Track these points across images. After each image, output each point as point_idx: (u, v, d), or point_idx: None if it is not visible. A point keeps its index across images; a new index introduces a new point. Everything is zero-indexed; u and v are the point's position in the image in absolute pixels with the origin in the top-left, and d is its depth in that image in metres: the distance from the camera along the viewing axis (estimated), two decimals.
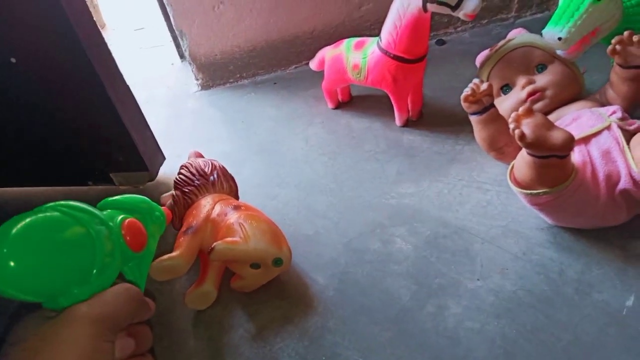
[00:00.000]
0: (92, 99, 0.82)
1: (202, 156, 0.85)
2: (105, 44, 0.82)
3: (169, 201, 0.79)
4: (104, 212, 0.41)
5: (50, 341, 0.32)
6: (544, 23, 0.76)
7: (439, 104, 1.00)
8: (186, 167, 0.80)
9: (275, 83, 1.18)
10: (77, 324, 0.33)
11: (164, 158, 0.98)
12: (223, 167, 0.81)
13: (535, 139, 0.58)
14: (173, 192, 0.79)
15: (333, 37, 1.13)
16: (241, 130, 1.08)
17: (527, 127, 0.59)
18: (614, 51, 0.70)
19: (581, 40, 0.75)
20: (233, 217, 0.70)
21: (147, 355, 0.38)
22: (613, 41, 0.69)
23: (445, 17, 1.12)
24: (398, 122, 0.96)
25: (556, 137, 0.58)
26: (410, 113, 0.96)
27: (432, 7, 0.76)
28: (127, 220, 0.42)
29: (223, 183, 0.79)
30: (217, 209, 0.72)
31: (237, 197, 0.82)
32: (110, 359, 0.33)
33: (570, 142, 0.58)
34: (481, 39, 1.13)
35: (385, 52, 0.86)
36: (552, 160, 0.60)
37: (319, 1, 1.09)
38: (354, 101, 1.07)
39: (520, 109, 0.60)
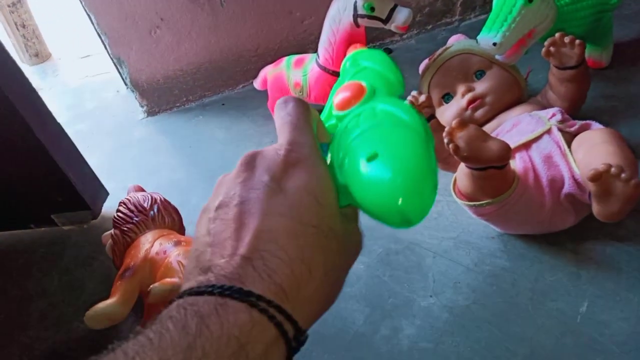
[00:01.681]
0: (20, 142, 0.79)
1: (142, 190, 0.82)
2: (29, 85, 0.78)
3: (109, 241, 0.75)
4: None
5: None
6: None
7: None
8: (124, 203, 0.77)
9: (223, 104, 1.15)
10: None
11: (107, 194, 0.94)
12: (164, 200, 0.78)
13: (470, 152, 0.57)
14: (112, 231, 0.76)
15: (278, 52, 1.10)
16: (189, 156, 1.05)
17: (462, 140, 0.57)
18: (548, 53, 0.69)
19: (517, 43, 0.74)
20: (173, 254, 0.66)
21: None
22: (546, 43, 0.69)
23: None
24: None
25: (491, 148, 0.57)
26: None
27: (363, 21, 0.75)
28: None
29: (164, 217, 0.76)
30: (157, 246, 0.69)
31: (181, 230, 0.78)
32: None
33: (505, 152, 0.57)
34: (427, 45, 1.12)
35: (324, 69, 0.84)
36: (491, 172, 0.59)
37: (260, 18, 1.06)
38: None
39: (454, 122, 0.58)
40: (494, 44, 0.72)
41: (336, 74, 0.83)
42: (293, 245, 0.29)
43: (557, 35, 0.68)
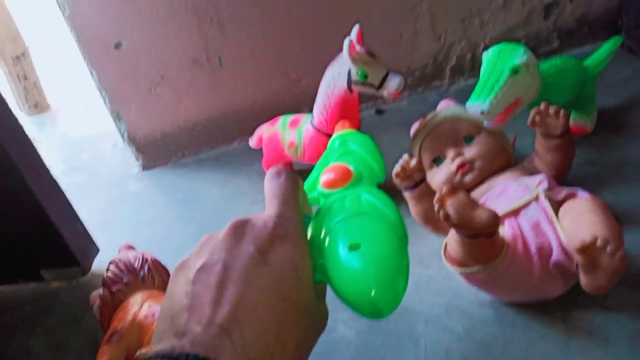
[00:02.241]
0: (14, 196, 0.79)
1: (133, 249, 0.82)
2: (27, 139, 0.80)
3: (97, 302, 0.74)
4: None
5: None
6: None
7: None
8: (115, 263, 0.76)
9: (218, 160, 1.17)
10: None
11: (98, 250, 0.94)
12: (155, 260, 0.78)
13: (460, 220, 0.57)
14: (101, 291, 0.75)
15: (275, 111, 1.13)
16: (183, 212, 1.06)
17: (451, 207, 0.58)
18: (534, 122, 0.71)
19: (505, 111, 0.76)
20: None
21: None
22: (532, 113, 0.71)
23: None
24: None
25: (480, 216, 0.58)
26: None
27: (356, 87, 0.78)
28: None
29: (154, 277, 0.75)
30: (145, 309, 0.68)
31: None
32: None
33: (494, 221, 0.58)
34: (418, 107, 1.15)
35: (318, 130, 0.86)
36: (481, 240, 0.59)
37: (257, 78, 1.09)
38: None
39: (444, 189, 0.60)
40: (482, 112, 0.74)
41: (330, 136, 0.85)
42: (271, 319, 0.29)
43: (542, 105, 0.71)
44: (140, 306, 0.69)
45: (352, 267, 0.33)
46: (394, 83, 0.74)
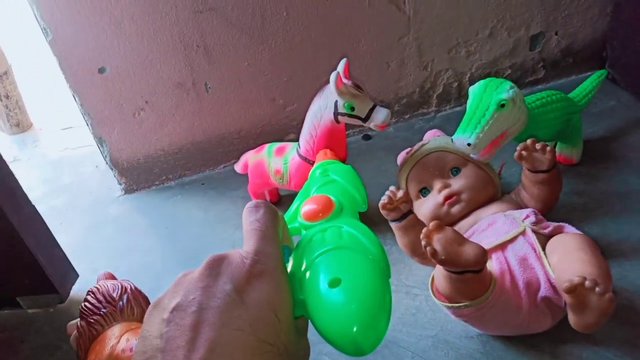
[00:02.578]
0: None
1: (113, 277, 0.79)
2: (5, 167, 0.77)
3: (74, 332, 0.71)
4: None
5: None
6: (463, 115, 0.78)
7: (368, 201, 0.99)
8: (93, 292, 0.74)
9: (203, 184, 1.15)
10: None
11: (77, 276, 0.91)
12: (135, 289, 0.75)
13: (447, 256, 0.57)
14: (78, 321, 0.72)
15: (260, 136, 1.12)
16: (165, 238, 1.03)
17: (439, 243, 0.58)
18: (520, 157, 0.71)
19: (491, 144, 0.77)
20: None
21: None
22: (518, 148, 0.71)
23: None
24: None
25: (468, 253, 0.57)
26: None
27: (343, 119, 0.78)
28: None
29: (134, 308, 0.73)
30: (123, 342, 0.66)
31: None
32: None
33: (482, 257, 0.57)
34: (405, 134, 1.15)
35: (304, 159, 0.85)
36: (468, 275, 0.59)
37: (244, 104, 1.09)
38: (282, 201, 1.05)
39: (431, 225, 0.59)
40: (469, 145, 0.74)
41: None
42: None
43: (528, 141, 0.71)
44: (118, 339, 0.66)
45: (333, 303, 0.32)
46: (380, 115, 0.75)
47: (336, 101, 0.77)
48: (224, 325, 0.29)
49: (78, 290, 0.92)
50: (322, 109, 0.79)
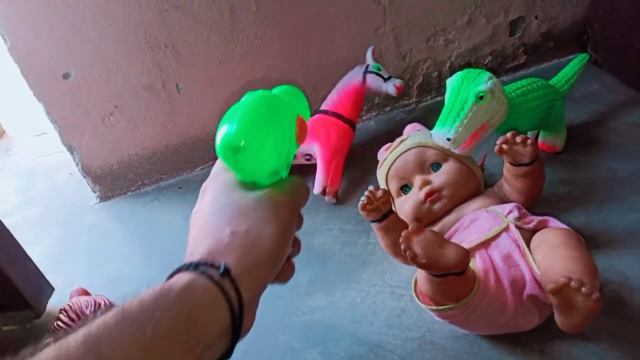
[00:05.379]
0: None
1: (87, 293, 0.76)
2: None
3: None
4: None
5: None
6: (443, 106, 0.76)
7: (349, 197, 0.97)
8: (65, 310, 0.71)
9: (180, 187, 1.12)
10: (281, 207, 0.37)
11: (52, 289, 0.88)
12: (110, 304, 0.73)
13: (428, 260, 0.55)
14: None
15: None
16: (142, 246, 1.00)
17: (419, 246, 0.55)
18: (501, 151, 0.69)
19: (471, 137, 0.74)
20: None
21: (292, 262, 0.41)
22: (498, 142, 0.69)
23: None
24: (316, 189, 0.95)
25: (449, 255, 0.55)
26: (329, 183, 0.95)
27: (370, 76, 0.98)
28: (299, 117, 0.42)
29: None
30: None
31: None
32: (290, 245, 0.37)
33: (463, 259, 0.55)
34: (386, 126, 1.13)
35: (323, 112, 0.99)
36: (451, 278, 0.57)
37: (218, 102, 1.05)
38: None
39: (410, 227, 0.57)
40: (448, 139, 0.72)
41: (335, 115, 0.99)
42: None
43: (508, 134, 0.68)
44: None
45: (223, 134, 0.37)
46: (397, 80, 0.97)
47: (367, 65, 0.99)
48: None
49: (55, 303, 0.89)
50: (354, 72, 1.00)
